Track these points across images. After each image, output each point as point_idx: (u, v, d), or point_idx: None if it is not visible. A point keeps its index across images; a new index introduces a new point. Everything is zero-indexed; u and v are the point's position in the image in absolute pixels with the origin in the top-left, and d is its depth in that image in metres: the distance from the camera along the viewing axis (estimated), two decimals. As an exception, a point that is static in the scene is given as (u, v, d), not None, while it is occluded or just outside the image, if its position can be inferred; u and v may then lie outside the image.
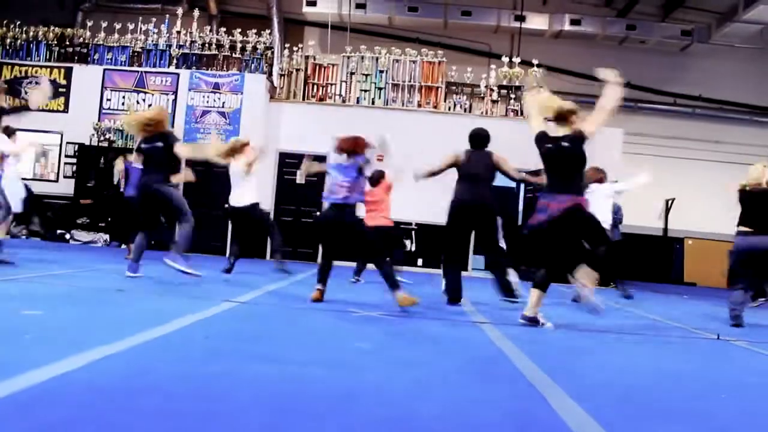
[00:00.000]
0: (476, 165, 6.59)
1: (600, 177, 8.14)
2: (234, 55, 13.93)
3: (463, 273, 6.84)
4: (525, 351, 4.06)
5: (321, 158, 12.98)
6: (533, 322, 5.22)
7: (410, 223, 13.18)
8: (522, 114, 13.88)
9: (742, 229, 6.59)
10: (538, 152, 5.25)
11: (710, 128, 16.89)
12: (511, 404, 2.82)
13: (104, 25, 14.23)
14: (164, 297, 5.62)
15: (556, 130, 5.20)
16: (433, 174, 6.84)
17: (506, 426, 2.48)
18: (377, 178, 8.31)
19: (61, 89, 13.49)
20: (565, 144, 5.11)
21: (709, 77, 16.79)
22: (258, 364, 3.15)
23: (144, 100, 13.42)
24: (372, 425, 2.30)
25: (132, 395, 2.43)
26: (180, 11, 14.39)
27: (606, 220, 7.62)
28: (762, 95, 16.93)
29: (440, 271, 6.93)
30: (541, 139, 5.24)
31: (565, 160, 5.13)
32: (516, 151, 7.44)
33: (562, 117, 5.17)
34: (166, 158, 6.74)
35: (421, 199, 9.20)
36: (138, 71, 13.65)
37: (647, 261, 16.04)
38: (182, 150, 7.07)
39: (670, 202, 16.65)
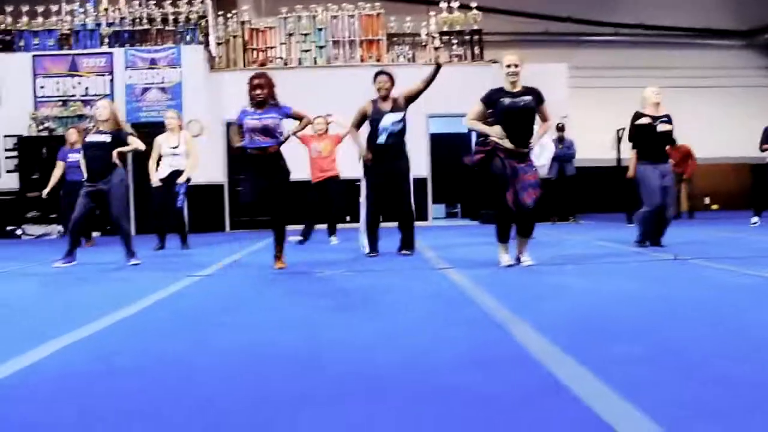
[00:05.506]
0: None
1: None
2: (167, 27, 13.51)
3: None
4: (488, 292, 4.13)
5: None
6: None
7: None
8: (465, 59, 13.83)
9: None
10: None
11: (653, 55, 17.08)
12: (474, 341, 2.88)
13: (25, 9, 13.62)
14: (125, 281, 5.54)
15: None
16: None
17: (470, 361, 2.52)
18: None
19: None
20: None
21: (647, 4, 16.91)
22: (225, 333, 3.16)
23: (80, 83, 12.97)
24: (332, 383, 2.30)
25: (104, 379, 2.41)
26: (105, -13, 13.83)
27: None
28: (699, 17, 17.15)
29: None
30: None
31: None
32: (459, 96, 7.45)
33: None
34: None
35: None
36: (69, 54, 13.16)
37: (603, 192, 16.35)
38: None
39: (620, 131, 16.88)
